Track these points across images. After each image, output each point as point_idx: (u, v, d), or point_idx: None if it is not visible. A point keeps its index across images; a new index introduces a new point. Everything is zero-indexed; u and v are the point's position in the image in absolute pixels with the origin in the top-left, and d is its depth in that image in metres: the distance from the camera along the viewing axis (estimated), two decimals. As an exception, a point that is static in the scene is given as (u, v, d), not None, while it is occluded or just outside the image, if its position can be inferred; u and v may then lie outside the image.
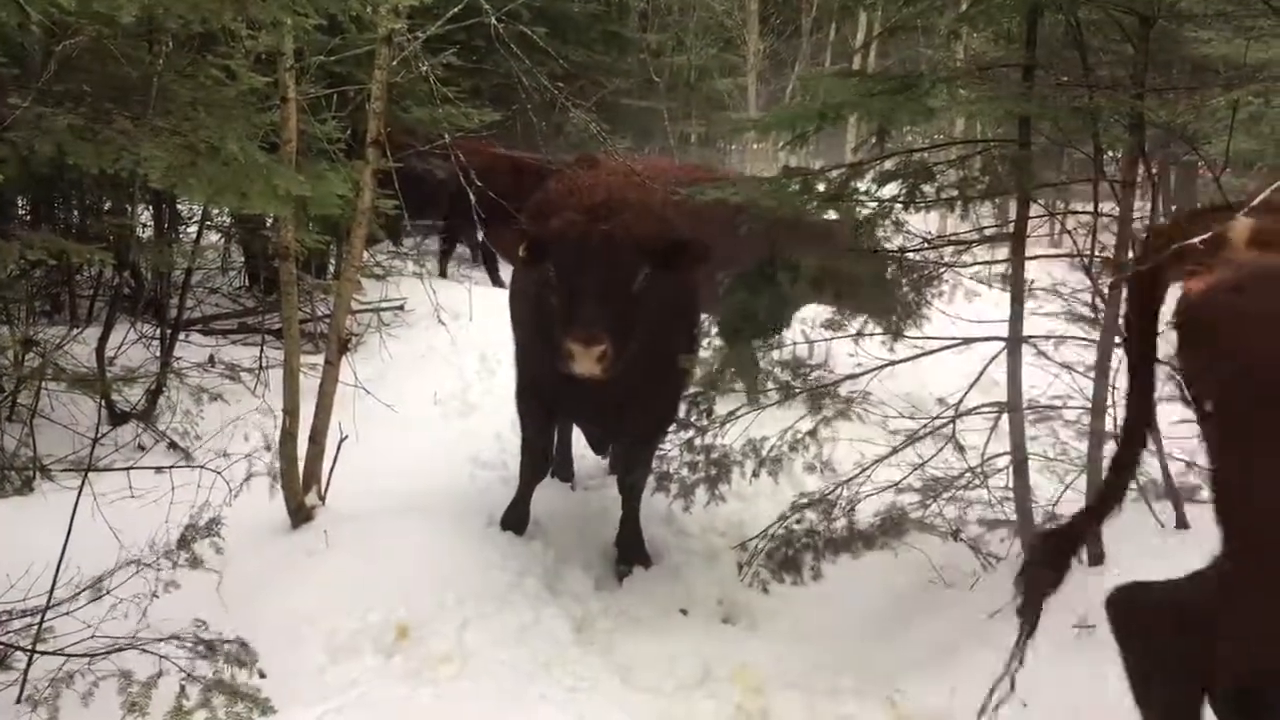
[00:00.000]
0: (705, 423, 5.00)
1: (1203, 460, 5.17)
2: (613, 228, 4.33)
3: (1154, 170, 6.18)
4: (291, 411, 5.08)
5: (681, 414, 5.04)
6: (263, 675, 3.64)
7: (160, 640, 3.60)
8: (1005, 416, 4.77)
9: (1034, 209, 4.80)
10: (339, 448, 5.31)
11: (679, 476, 4.99)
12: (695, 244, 4.50)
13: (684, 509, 5.08)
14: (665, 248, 4.42)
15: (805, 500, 5.04)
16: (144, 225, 7.65)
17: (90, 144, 3.72)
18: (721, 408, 5.04)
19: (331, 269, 9.06)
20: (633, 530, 5.30)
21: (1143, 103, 3.91)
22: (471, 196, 6.20)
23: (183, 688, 3.49)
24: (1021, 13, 4.26)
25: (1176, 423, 5.25)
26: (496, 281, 11.03)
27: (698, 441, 4.98)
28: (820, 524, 5.00)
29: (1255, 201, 2.49)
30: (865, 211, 4.76)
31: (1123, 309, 3.44)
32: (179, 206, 8.05)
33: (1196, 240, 2.45)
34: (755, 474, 5.03)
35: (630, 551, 5.28)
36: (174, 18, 3.70)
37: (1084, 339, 4.89)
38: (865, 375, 5.51)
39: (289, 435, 5.07)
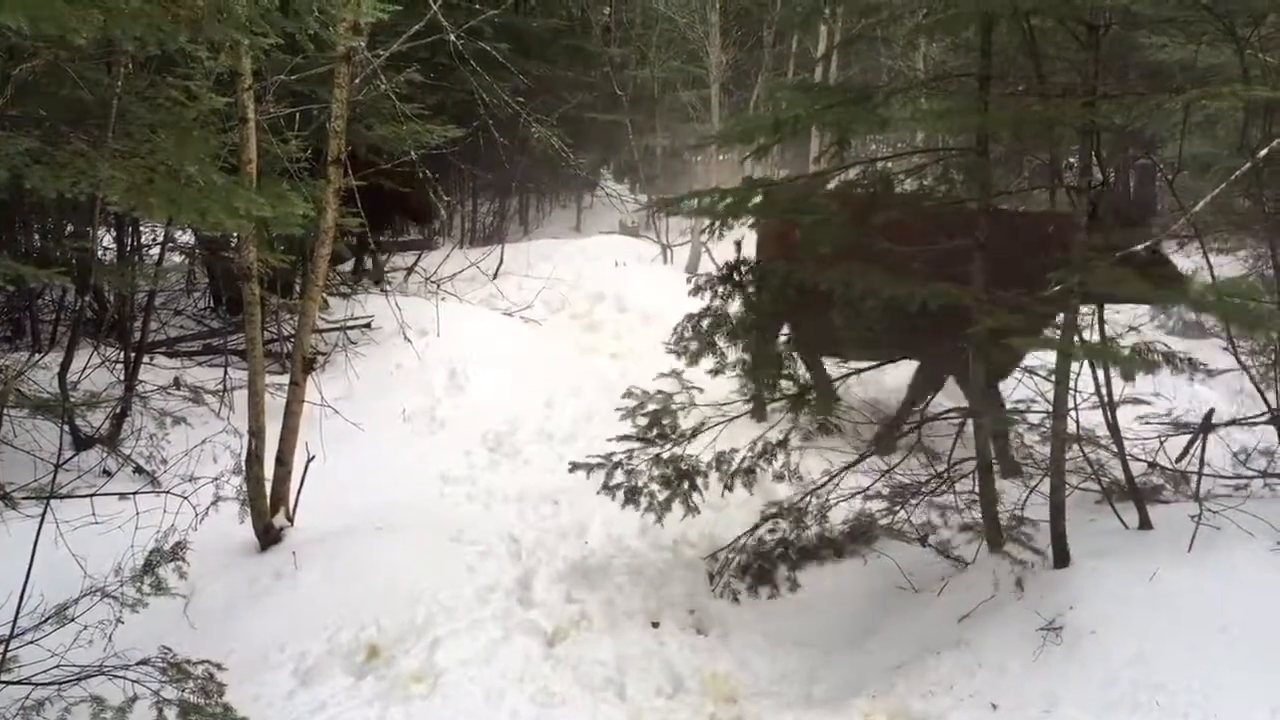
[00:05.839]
0: (674, 435, 5.02)
1: (1164, 461, 5.29)
2: None
3: (1110, 175, 6.25)
4: (257, 433, 5.05)
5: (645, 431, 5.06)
6: (227, 709, 3.60)
7: (127, 666, 3.57)
8: (969, 422, 4.80)
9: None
10: (306, 468, 5.29)
11: (648, 490, 4.99)
12: None
13: (656, 520, 5.05)
14: None
15: (775, 509, 5.07)
16: (105, 248, 7.59)
17: (47, 167, 3.71)
18: (686, 423, 5.07)
19: (298, 288, 8.98)
20: None
21: (1093, 109, 3.95)
22: None
23: (160, 710, 3.47)
24: (976, 22, 4.30)
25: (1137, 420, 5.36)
26: None
27: (664, 454, 4.99)
28: (791, 533, 5.03)
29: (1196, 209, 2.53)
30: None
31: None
32: (142, 229, 7.99)
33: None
34: (729, 486, 5.05)
35: None
36: (130, 39, 3.68)
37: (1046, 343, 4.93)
38: (835, 383, 5.55)
39: (255, 457, 5.04)
